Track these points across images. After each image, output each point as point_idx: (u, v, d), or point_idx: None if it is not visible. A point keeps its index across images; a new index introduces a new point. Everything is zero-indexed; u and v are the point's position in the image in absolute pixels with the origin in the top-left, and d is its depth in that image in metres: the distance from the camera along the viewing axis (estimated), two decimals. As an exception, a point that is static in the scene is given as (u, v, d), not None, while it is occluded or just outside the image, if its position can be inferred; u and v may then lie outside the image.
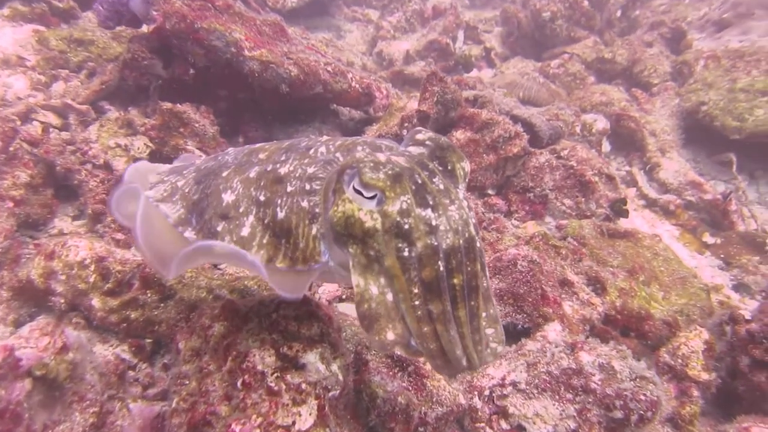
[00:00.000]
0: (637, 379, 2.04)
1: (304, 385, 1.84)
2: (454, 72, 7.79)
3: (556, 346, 2.25)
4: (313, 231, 1.50)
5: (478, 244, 1.39)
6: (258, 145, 1.92)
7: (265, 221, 1.57)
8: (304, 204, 1.52)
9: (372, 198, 1.34)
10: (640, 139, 5.97)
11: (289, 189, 1.56)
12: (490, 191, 4.29)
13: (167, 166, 2.25)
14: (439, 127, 4.37)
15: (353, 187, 1.35)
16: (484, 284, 1.40)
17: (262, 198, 1.60)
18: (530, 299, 2.57)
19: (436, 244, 1.31)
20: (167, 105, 3.84)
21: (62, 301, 2.46)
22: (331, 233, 1.42)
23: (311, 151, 1.64)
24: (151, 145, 3.68)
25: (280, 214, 1.55)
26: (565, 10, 8.34)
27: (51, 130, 3.41)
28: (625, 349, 2.20)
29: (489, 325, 1.40)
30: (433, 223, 1.33)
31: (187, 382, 1.93)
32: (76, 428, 1.90)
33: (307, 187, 1.53)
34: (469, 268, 1.34)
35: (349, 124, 5.22)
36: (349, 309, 2.64)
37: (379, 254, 1.33)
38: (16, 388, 1.76)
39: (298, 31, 6.30)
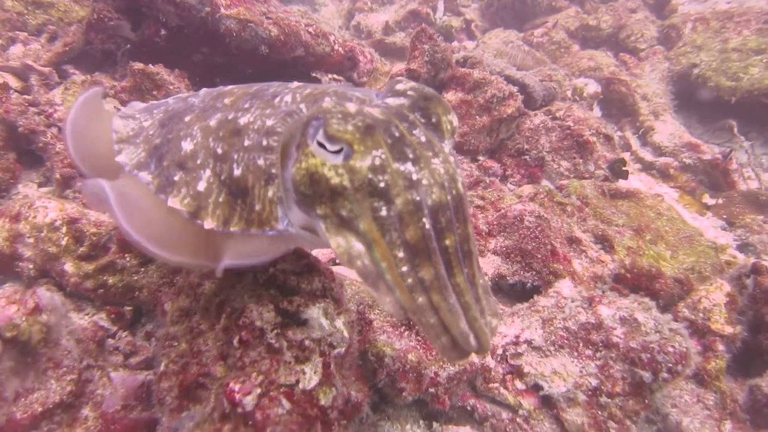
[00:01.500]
0: (664, 331, 1.94)
1: (307, 342, 1.71)
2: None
3: (573, 301, 2.15)
4: (269, 193, 1.36)
5: (467, 206, 1.23)
6: (228, 88, 1.77)
7: (222, 177, 1.45)
8: (260, 162, 1.38)
9: (338, 153, 1.18)
10: (631, 104, 5.93)
11: (246, 143, 1.43)
12: (482, 156, 4.18)
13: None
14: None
15: (317, 141, 1.20)
16: (475, 250, 1.24)
17: (219, 151, 1.47)
18: (539, 256, 2.47)
19: (418, 199, 1.14)
20: (139, 65, 3.62)
21: (31, 266, 2.27)
22: (293, 195, 1.28)
23: (276, 100, 1.50)
24: (122, 108, 3.46)
25: (236, 171, 1.42)
26: (546, -22, 8.29)
27: (11, 90, 3.17)
28: (648, 301, 2.10)
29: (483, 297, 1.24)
30: (414, 177, 1.16)
31: (176, 344, 1.79)
32: (52, 396, 1.74)
33: (264, 142, 1.39)
34: (459, 230, 1.18)
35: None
36: (345, 271, 2.51)
37: (352, 215, 1.17)
38: (-18, 352, 1.59)
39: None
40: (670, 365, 1.87)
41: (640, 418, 1.97)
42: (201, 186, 1.47)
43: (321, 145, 1.19)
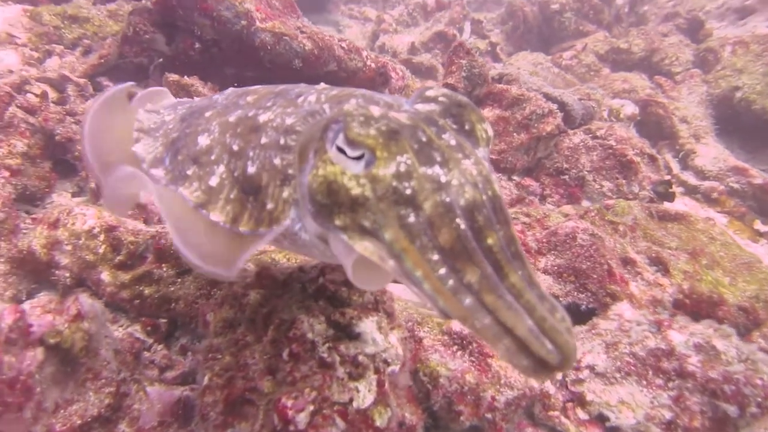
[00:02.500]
0: (749, 361, 1.80)
1: (360, 357, 1.63)
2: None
3: (638, 324, 2.04)
4: (285, 194, 1.30)
5: (505, 206, 1.12)
6: (253, 87, 1.74)
7: (235, 174, 1.41)
8: (276, 161, 1.33)
9: (359, 159, 1.10)
10: (669, 126, 5.84)
11: (263, 141, 1.38)
12: (518, 176, 4.12)
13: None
14: (465, 106, 4.21)
15: (336, 146, 1.13)
16: (523, 253, 1.08)
17: (235, 147, 1.43)
18: (595, 276, 2.37)
19: (449, 200, 1.05)
20: (174, 77, 3.66)
21: (67, 274, 2.24)
22: (309, 206, 1.19)
23: (299, 99, 1.45)
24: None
25: (251, 169, 1.37)
26: (573, 2, 8.36)
27: (49, 100, 3.20)
28: (727, 328, 1.97)
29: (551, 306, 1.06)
30: (443, 179, 1.08)
31: (220, 357, 1.72)
32: (90, 409, 1.68)
33: (282, 141, 1.34)
34: (502, 232, 1.06)
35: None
36: (391, 286, 2.44)
37: (376, 226, 1.08)
38: (27, 357, 1.55)
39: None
40: (760, 399, 1.73)
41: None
42: (213, 181, 1.43)
43: (341, 150, 1.12)
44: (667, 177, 4.17)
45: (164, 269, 2.27)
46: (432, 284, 1.02)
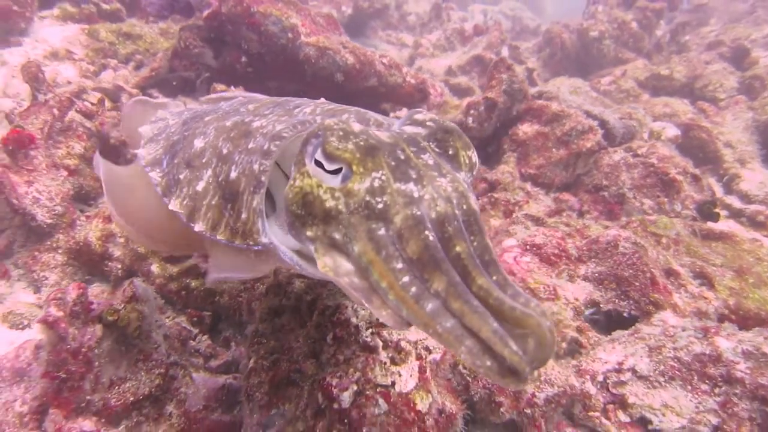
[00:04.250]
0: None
1: (403, 343, 1.69)
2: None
3: (684, 330, 2.03)
4: (254, 202, 1.30)
5: (482, 222, 1.13)
6: (258, 96, 1.82)
7: (219, 179, 1.41)
8: (255, 166, 1.32)
9: (335, 173, 1.13)
10: (713, 151, 5.77)
11: (250, 145, 1.38)
12: (553, 192, 4.13)
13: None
14: (502, 121, 4.28)
15: (315, 159, 1.15)
16: (498, 261, 1.09)
17: (224, 151, 1.44)
18: (637, 284, 2.37)
19: (419, 213, 1.07)
20: (221, 87, 3.84)
21: (119, 266, 2.37)
22: (285, 216, 1.21)
23: (296, 110, 1.49)
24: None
25: (233, 174, 1.37)
26: (613, 30, 8.38)
27: (105, 106, 3.41)
28: (781, 336, 1.94)
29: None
30: (416, 195, 1.09)
31: (265, 341, 1.80)
32: (142, 388, 1.78)
33: (266, 146, 1.34)
34: (476, 243, 1.08)
35: (400, 125, 5.16)
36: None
37: (346, 239, 1.10)
38: (87, 331, 1.65)
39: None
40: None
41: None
42: (200, 186, 1.44)
43: (319, 164, 1.14)
44: (712, 197, 4.12)
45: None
46: (396, 293, 1.03)
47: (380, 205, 1.09)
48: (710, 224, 3.84)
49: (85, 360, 1.62)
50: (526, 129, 4.14)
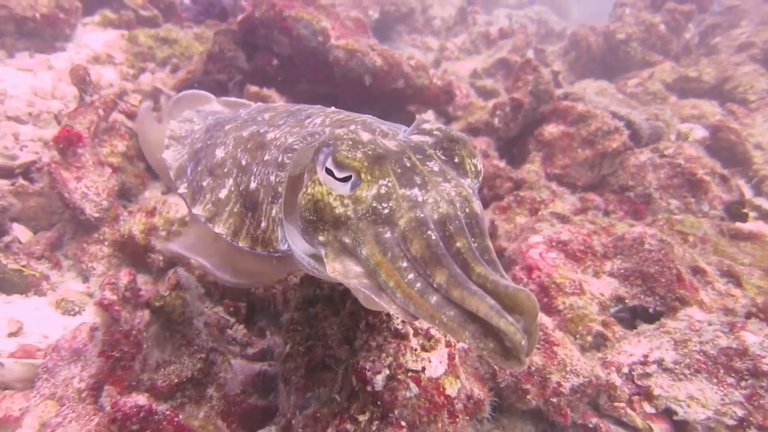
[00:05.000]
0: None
1: (433, 331, 1.75)
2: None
3: (710, 324, 2.05)
4: (273, 212, 1.37)
5: (484, 225, 1.18)
6: (274, 104, 1.88)
7: (240, 188, 1.49)
8: (272, 178, 1.40)
9: (345, 180, 1.18)
10: (742, 152, 5.68)
11: (266, 157, 1.46)
12: (579, 192, 4.14)
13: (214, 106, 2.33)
14: (528, 122, 4.30)
15: (326, 168, 1.20)
16: (498, 261, 1.13)
17: (243, 162, 1.52)
18: (663, 280, 2.38)
19: (423, 215, 1.12)
20: (254, 88, 3.95)
21: (161, 258, 2.48)
22: (299, 222, 1.27)
23: (307, 120, 1.55)
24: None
25: (252, 184, 1.45)
26: (640, 32, 8.27)
27: (145, 106, 3.55)
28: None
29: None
30: (420, 199, 1.15)
31: (300, 328, 1.87)
32: (185, 371, 1.87)
33: (280, 159, 1.41)
34: (476, 244, 1.12)
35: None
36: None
37: (355, 242, 1.16)
38: (137, 316, 1.75)
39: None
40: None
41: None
42: (222, 194, 1.53)
43: (329, 172, 1.19)
44: (740, 197, 4.07)
45: (247, 256, 2.47)
46: (402, 291, 1.08)
47: (386, 210, 1.14)
48: (738, 224, 3.80)
49: (135, 342, 1.72)
50: (551, 129, 4.16)
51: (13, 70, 4.11)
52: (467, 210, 1.16)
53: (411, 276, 1.08)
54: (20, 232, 2.72)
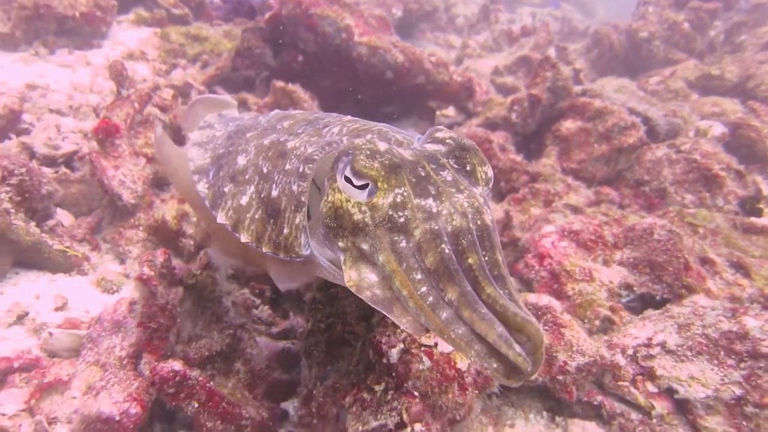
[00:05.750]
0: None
1: (446, 310, 1.84)
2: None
3: (712, 309, 2.11)
4: (296, 220, 1.42)
5: (495, 237, 1.23)
6: (292, 112, 1.93)
7: (262, 195, 1.53)
8: (294, 187, 1.44)
9: (363, 188, 1.24)
10: (762, 150, 5.63)
11: (287, 167, 1.49)
12: (594, 186, 4.18)
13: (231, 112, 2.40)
14: (546, 117, 4.35)
15: (345, 176, 1.26)
16: (508, 276, 1.19)
17: (265, 170, 1.56)
18: (671, 268, 2.44)
19: (437, 227, 1.17)
20: (280, 83, 4.08)
21: (192, 243, 2.62)
22: (321, 227, 1.34)
23: (325, 129, 1.59)
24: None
25: (274, 192, 1.49)
26: (663, 31, 8.17)
27: (179, 101, 3.70)
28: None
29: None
30: (434, 210, 1.20)
31: (321, 307, 1.99)
32: (215, 345, 2.00)
33: (301, 169, 1.45)
34: (487, 258, 1.18)
35: (445, 122, 5.29)
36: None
37: (372, 249, 1.22)
38: (172, 291, 1.89)
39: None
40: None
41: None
42: (244, 200, 1.56)
43: (348, 180, 1.25)
44: (758, 192, 4.07)
45: (272, 241, 2.59)
46: (415, 302, 1.14)
47: (402, 219, 1.20)
48: (752, 219, 3.81)
49: (170, 315, 1.85)
50: (568, 125, 4.20)
51: (54, 66, 4.32)
52: (479, 222, 1.21)
53: (424, 289, 1.14)
54: (63, 216, 2.90)
